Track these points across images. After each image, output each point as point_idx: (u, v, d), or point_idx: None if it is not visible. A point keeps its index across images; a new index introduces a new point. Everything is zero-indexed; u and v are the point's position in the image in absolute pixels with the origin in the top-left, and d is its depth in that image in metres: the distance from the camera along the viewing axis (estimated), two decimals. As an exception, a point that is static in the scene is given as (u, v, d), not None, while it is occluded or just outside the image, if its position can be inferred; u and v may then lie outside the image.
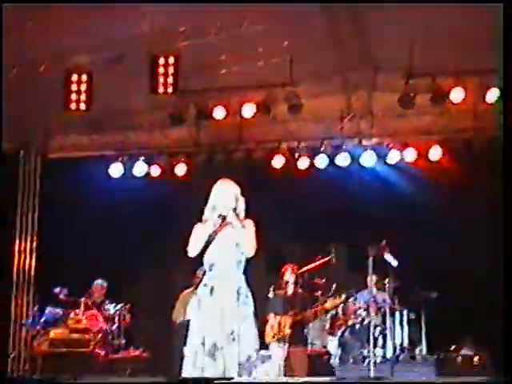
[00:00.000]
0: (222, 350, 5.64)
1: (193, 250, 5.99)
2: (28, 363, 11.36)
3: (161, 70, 9.72)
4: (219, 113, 11.19)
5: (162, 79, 9.73)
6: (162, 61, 9.65)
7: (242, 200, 6.12)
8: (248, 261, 6.05)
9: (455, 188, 10.99)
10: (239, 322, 5.73)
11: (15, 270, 12.47)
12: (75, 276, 10.88)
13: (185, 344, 6.01)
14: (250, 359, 5.68)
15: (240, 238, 5.93)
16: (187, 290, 10.02)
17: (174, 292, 10.11)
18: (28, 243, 12.62)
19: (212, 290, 5.84)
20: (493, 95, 10.22)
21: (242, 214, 6.11)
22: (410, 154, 11.39)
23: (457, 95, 10.42)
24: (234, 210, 6.02)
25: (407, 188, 11.32)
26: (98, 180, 12.06)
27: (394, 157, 11.46)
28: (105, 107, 10.98)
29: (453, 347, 10.10)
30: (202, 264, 6.06)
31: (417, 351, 10.17)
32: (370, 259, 8.78)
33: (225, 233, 5.98)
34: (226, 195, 6.05)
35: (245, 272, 6.01)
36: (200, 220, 6.09)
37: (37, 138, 12.88)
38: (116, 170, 12.17)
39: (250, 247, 5.93)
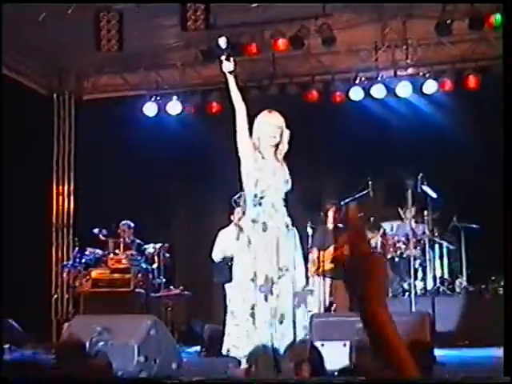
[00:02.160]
0: (276, 285, 5.57)
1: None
2: (70, 304, 11.56)
3: (191, 5, 9.59)
4: (252, 48, 11.01)
5: (192, 15, 9.60)
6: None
7: (286, 132, 5.94)
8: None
9: (494, 117, 10.75)
10: (292, 255, 5.68)
11: (54, 213, 12.59)
12: (113, 217, 10.93)
13: (230, 280, 5.98)
14: (304, 288, 5.67)
15: (288, 175, 5.85)
16: (225, 229, 10.01)
17: (211, 231, 10.10)
18: (66, 186, 12.71)
19: (265, 225, 5.71)
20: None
21: (286, 147, 5.96)
22: (447, 83, 11.15)
23: (496, 20, 10.11)
24: (277, 145, 5.89)
25: (445, 118, 11.09)
26: (132, 119, 12.02)
27: (430, 87, 11.22)
28: (137, 46, 10.89)
29: (493, 278, 10.02)
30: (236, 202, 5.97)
31: (457, 283, 10.13)
32: (409, 192, 8.69)
33: (276, 169, 5.83)
34: (269, 128, 5.82)
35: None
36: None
37: (70, 81, 12.85)
38: (150, 108, 12.12)
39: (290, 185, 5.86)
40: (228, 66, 5.77)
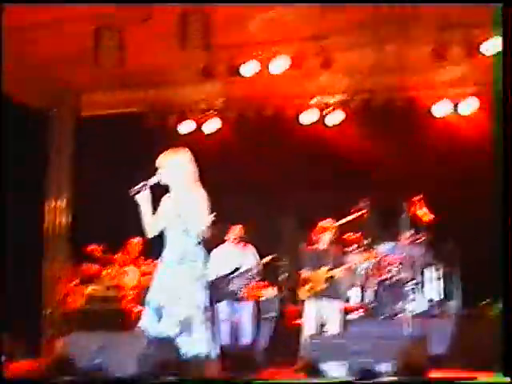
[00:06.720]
0: (164, 309, 5.97)
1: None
2: (63, 320, 11.50)
3: (190, 26, 9.65)
4: (249, 68, 11.07)
5: (191, 35, 9.66)
6: (191, 17, 9.58)
7: (188, 170, 6.35)
8: (275, 217, 6.12)
9: (490, 141, 10.83)
10: (182, 284, 6.00)
11: (50, 227, 12.53)
12: (110, 233, 10.94)
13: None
14: (189, 319, 5.86)
15: (182, 209, 6.08)
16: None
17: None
18: (62, 201, 12.68)
19: (161, 258, 6.29)
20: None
21: (191, 180, 6.22)
22: (443, 107, 11.23)
23: (490, 47, 10.20)
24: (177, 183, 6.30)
25: (442, 142, 11.17)
26: (130, 137, 12.03)
27: (425, 109, 11.28)
28: (136, 64, 10.93)
29: (486, 301, 10.05)
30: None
31: (450, 306, 10.17)
32: (404, 213, 8.74)
33: (168, 209, 6.30)
34: (167, 169, 6.45)
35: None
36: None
37: (68, 96, 12.86)
38: (148, 126, 12.13)
39: (193, 217, 6.07)
40: (144, 197, 6.52)
